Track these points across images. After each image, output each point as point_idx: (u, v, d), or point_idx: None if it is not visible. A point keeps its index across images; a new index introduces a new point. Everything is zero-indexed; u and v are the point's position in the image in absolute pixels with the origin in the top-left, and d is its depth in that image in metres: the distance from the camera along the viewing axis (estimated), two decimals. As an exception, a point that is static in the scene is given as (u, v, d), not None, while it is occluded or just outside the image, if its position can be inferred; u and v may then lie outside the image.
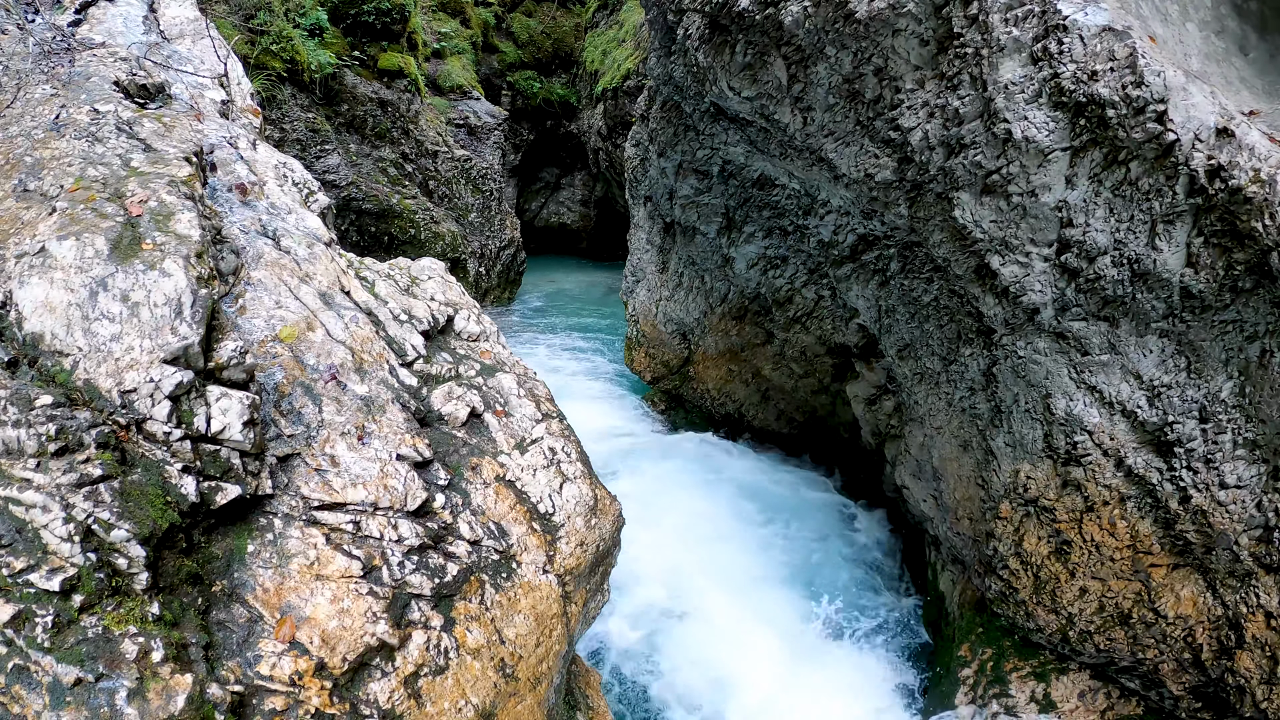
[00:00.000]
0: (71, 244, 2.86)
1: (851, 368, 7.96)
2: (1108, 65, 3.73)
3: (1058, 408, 4.61)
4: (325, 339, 3.56)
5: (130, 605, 2.44)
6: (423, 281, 4.45)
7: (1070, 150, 3.94)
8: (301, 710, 2.62)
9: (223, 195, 3.95)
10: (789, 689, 5.74)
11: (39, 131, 3.41)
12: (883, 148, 4.77)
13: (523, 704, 3.28)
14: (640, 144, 8.73)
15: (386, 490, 3.22)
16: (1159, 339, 4.20)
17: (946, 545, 6.12)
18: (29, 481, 2.42)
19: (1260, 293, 3.81)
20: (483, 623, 3.21)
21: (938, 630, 6.36)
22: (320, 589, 2.86)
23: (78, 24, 4.46)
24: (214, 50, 5.09)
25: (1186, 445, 4.22)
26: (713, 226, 8.12)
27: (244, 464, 2.91)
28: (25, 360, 2.70)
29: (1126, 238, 3.98)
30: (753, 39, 5.27)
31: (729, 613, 6.54)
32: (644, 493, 8.31)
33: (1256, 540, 4.12)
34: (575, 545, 3.71)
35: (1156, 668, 4.57)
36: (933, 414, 5.99)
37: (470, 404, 3.83)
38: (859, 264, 6.42)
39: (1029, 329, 4.58)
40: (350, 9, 12.75)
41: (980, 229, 4.39)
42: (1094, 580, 4.70)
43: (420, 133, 14.04)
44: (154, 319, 2.84)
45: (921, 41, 4.26)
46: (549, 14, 21.81)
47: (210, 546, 2.80)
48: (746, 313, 8.99)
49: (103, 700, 2.26)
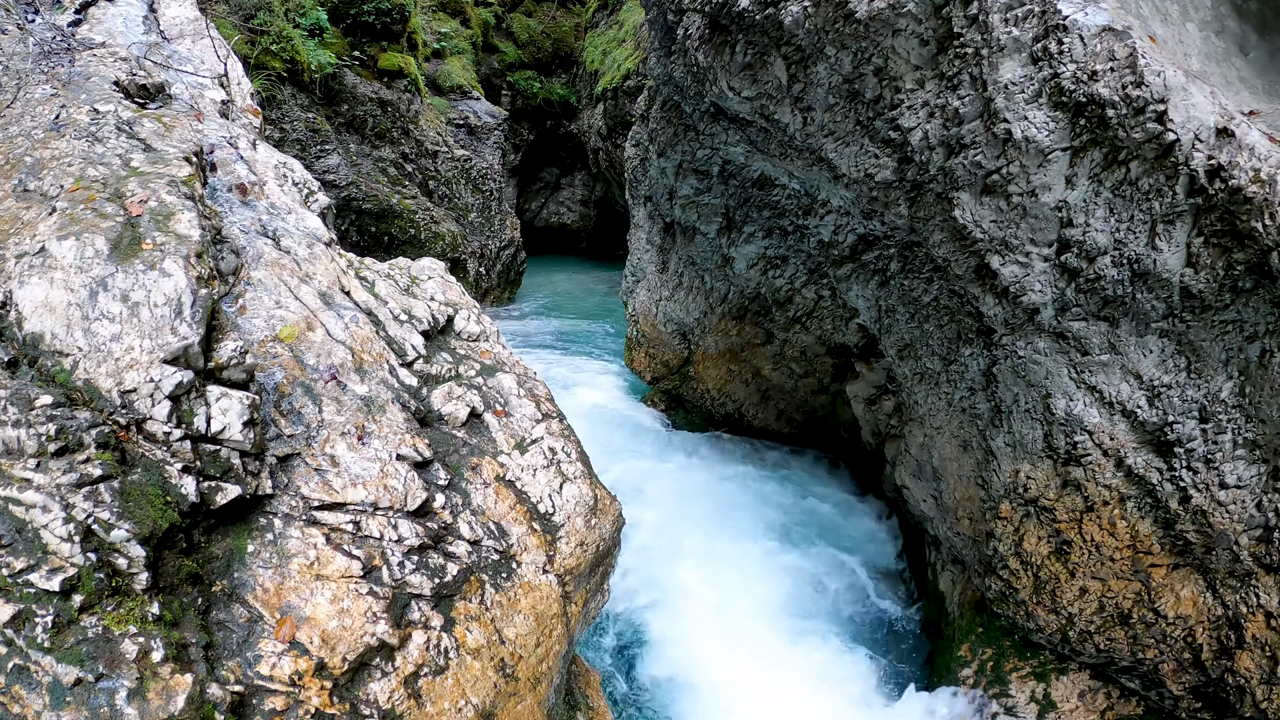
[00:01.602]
0: (71, 244, 2.86)
1: (851, 368, 7.95)
2: (1108, 65, 3.73)
3: (1058, 408, 4.61)
4: (325, 339, 3.56)
5: (130, 605, 2.44)
6: (423, 281, 4.45)
7: (1070, 150, 3.94)
8: (301, 710, 2.62)
9: (223, 195, 3.95)
10: (782, 685, 5.74)
11: (39, 131, 3.41)
12: (883, 148, 4.77)
13: (523, 704, 3.28)
14: (640, 144, 8.73)
15: (386, 490, 3.22)
16: (1159, 339, 4.21)
17: (946, 545, 6.12)
18: (29, 481, 2.42)
19: (1260, 293, 3.81)
20: (483, 623, 3.21)
21: (938, 630, 6.35)
22: (320, 589, 2.86)
23: (78, 24, 4.46)
24: (214, 50, 5.09)
25: (1186, 445, 4.22)
26: (713, 226, 8.12)
27: (244, 464, 2.91)
28: (25, 360, 2.70)
29: (1126, 238, 3.98)
30: (753, 39, 5.27)
31: (716, 606, 6.55)
32: (643, 492, 8.32)
33: (1256, 540, 4.12)
34: (575, 545, 3.71)
35: (1156, 668, 4.57)
36: (933, 414, 5.99)
37: (470, 404, 3.83)
38: (859, 264, 6.41)
39: (1029, 329, 4.58)
40: (350, 9, 12.75)
41: (980, 229, 4.39)
42: (1094, 580, 4.70)
43: (420, 133, 14.04)
44: (154, 319, 2.84)
45: (921, 41, 4.26)
46: (549, 14, 21.82)
47: (210, 546, 2.80)
48: (746, 313, 8.99)
49: (103, 700, 2.26)
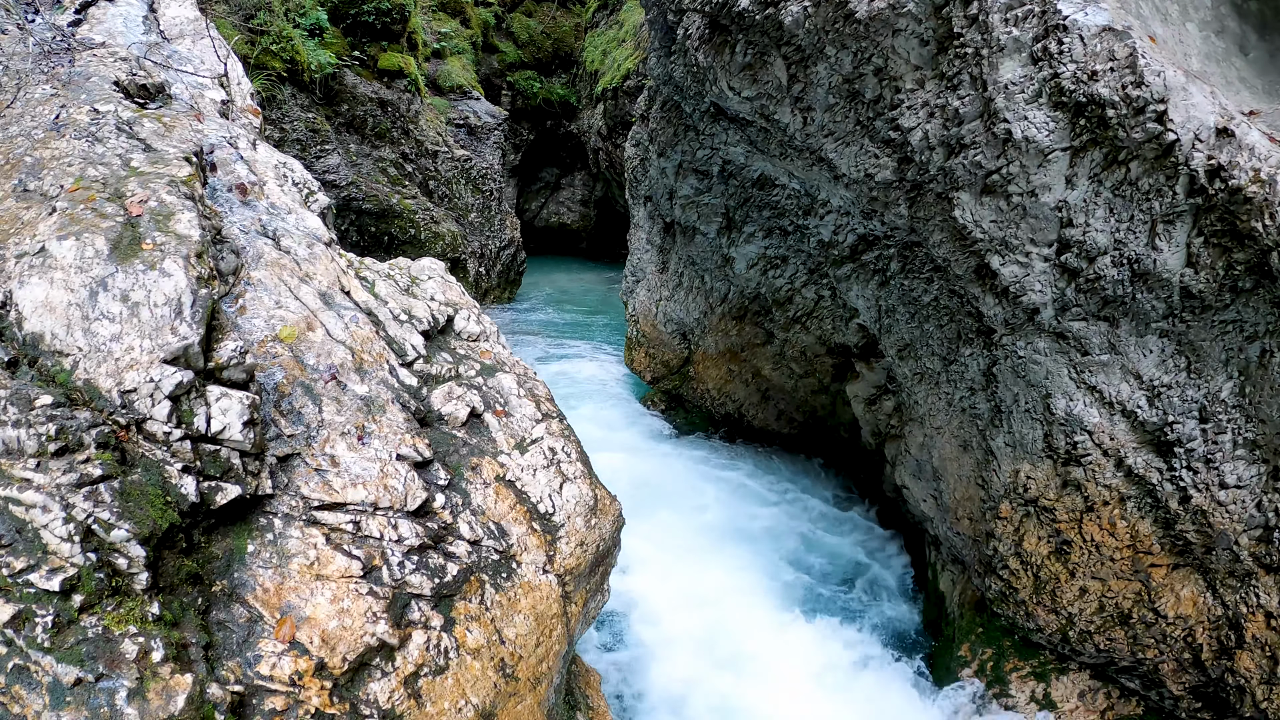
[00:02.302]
0: (71, 244, 2.86)
1: (851, 368, 7.95)
2: (1108, 65, 3.73)
3: (1058, 408, 4.61)
4: (325, 339, 3.56)
5: (130, 605, 2.44)
6: (423, 281, 4.45)
7: (1070, 150, 3.94)
8: (301, 710, 2.62)
9: (223, 195, 3.95)
10: (781, 685, 5.73)
11: (39, 131, 3.41)
12: (883, 148, 4.77)
13: (523, 704, 3.28)
14: (640, 144, 8.73)
15: (386, 490, 3.22)
16: (1159, 339, 4.21)
17: (946, 545, 6.12)
18: (29, 481, 2.42)
19: (1260, 293, 3.81)
20: (483, 623, 3.21)
21: (938, 630, 6.35)
22: (320, 589, 2.86)
23: (78, 24, 4.46)
24: (214, 50, 5.09)
25: (1186, 445, 4.22)
26: (713, 226, 8.12)
27: (244, 464, 2.91)
28: (25, 360, 2.70)
29: (1126, 238, 3.98)
30: (753, 39, 5.27)
31: (714, 605, 6.55)
32: (642, 491, 8.31)
33: (1256, 540, 4.12)
34: (575, 545, 3.71)
35: (1156, 668, 4.57)
36: (933, 414, 5.99)
37: (470, 404, 3.83)
38: (859, 264, 6.41)
39: (1029, 329, 4.58)
40: (350, 9, 12.74)
41: (980, 229, 4.39)
42: (1094, 580, 4.70)
43: (420, 133, 14.03)
44: (154, 319, 2.84)
45: (921, 41, 4.26)
46: (549, 14, 21.82)
47: (210, 546, 2.80)
48: (746, 313, 8.99)
49: (103, 700, 2.26)
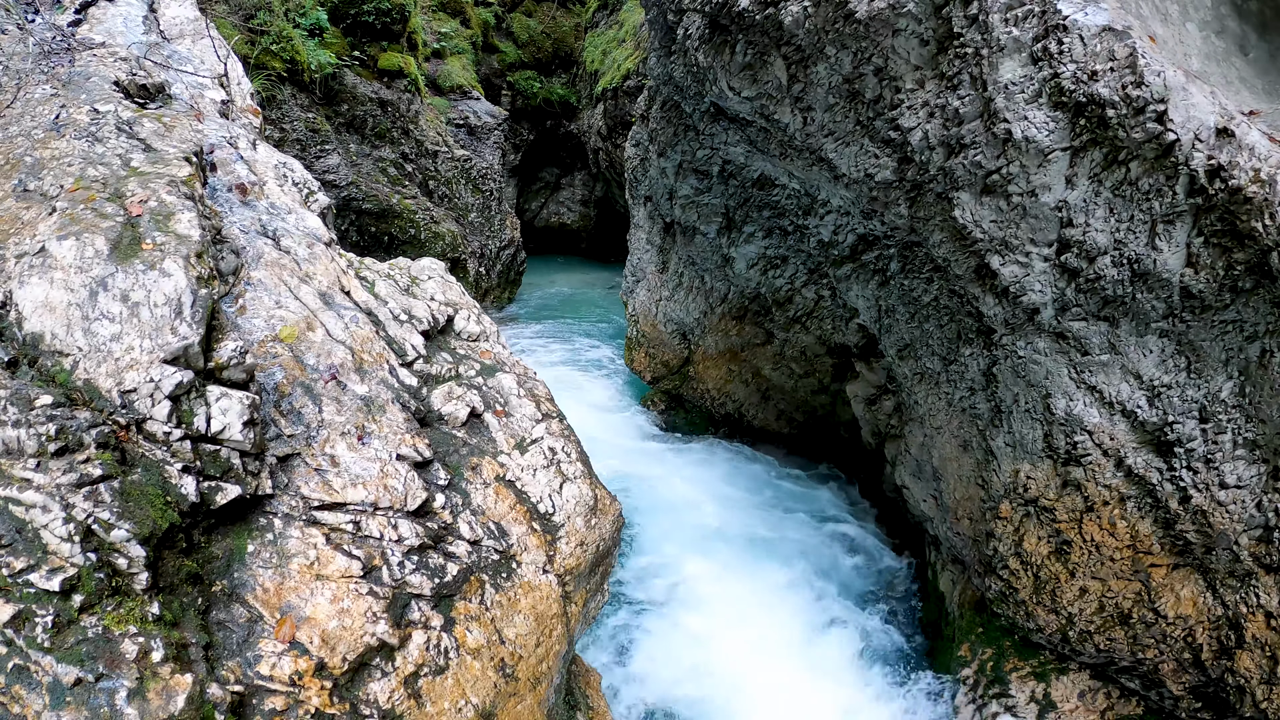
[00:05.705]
0: (71, 244, 2.86)
1: (851, 368, 7.95)
2: (1108, 65, 3.73)
3: (1058, 408, 4.61)
4: (325, 339, 3.56)
5: (130, 605, 2.44)
6: (423, 281, 4.45)
7: (1070, 150, 3.94)
8: (301, 710, 2.62)
9: (223, 195, 3.95)
10: (779, 683, 5.74)
11: (39, 131, 3.40)
12: (883, 148, 4.77)
13: (523, 704, 3.28)
14: (640, 144, 8.73)
15: (386, 490, 3.22)
16: (1159, 339, 4.20)
17: (946, 545, 6.12)
18: (29, 481, 2.42)
19: (1260, 293, 3.81)
20: (483, 623, 3.21)
21: (938, 630, 6.35)
22: (320, 589, 2.86)
23: (78, 24, 4.46)
24: (214, 50, 5.09)
25: (1186, 445, 4.22)
26: (713, 226, 8.12)
27: (244, 464, 2.91)
28: (25, 360, 2.70)
29: (1126, 238, 3.98)
30: (753, 39, 5.27)
31: (714, 604, 6.55)
32: (642, 491, 8.32)
33: (1256, 540, 4.12)
34: (575, 545, 3.71)
35: (1156, 668, 4.57)
36: (933, 414, 5.99)
37: (470, 404, 3.83)
38: (859, 264, 6.41)
39: (1029, 329, 4.58)
40: (350, 9, 12.73)
41: (980, 229, 4.39)
42: (1094, 580, 4.70)
43: (420, 133, 14.03)
44: (154, 319, 2.84)
45: (921, 41, 4.26)
46: (549, 14, 21.81)
47: (210, 546, 2.80)
48: (746, 313, 8.99)
49: (103, 700, 2.26)
